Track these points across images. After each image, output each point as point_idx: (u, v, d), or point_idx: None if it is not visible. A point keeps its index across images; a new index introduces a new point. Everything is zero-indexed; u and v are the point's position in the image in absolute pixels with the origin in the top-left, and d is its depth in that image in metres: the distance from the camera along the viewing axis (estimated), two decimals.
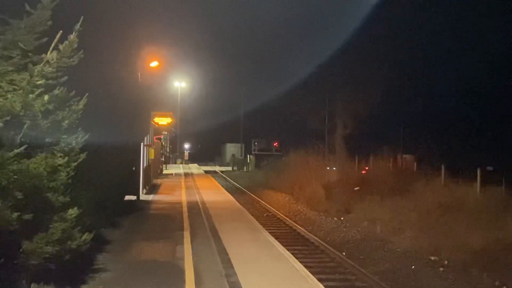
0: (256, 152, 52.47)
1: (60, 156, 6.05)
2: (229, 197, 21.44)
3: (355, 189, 20.52)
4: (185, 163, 58.07)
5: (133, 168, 16.62)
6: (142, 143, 19.76)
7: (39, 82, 5.54)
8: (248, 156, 51.34)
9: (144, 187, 20.62)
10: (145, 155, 21.65)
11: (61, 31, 5.66)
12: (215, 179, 34.36)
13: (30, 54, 5.68)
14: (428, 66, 36.54)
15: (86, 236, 6.50)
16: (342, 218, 18.17)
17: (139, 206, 16.45)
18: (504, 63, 32.46)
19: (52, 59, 5.66)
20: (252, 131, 57.39)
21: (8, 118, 5.20)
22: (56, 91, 5.86)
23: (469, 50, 35.03)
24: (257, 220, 14.97)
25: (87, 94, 6.49)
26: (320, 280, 8.24)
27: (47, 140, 5.94)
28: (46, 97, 5.61)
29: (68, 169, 6.14)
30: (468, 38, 35.10)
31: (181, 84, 56.29)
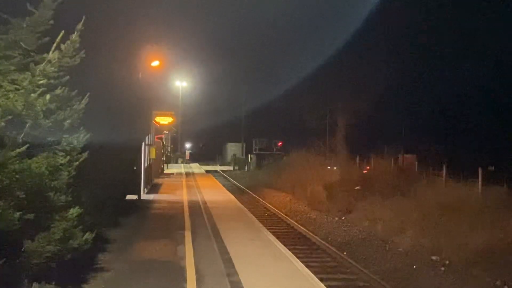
0: (257, 152, 52.48)
1: (62, 156, 6.06)
2: (230, 196, 21.44)
3: (356, 188, 20.52)
4: (186, 163, 58.08)
5: (134, 168, 16.63)
6: (143, 143, 19.76)
7: (41, 81, 5.54)
8: (249, 155, 51.35)
9: (145, 186, 20.63)
10: (146, 155, 21.66)
11: (63, 31, 5.67)
12: (216, 178, 34.36)
13: (32, 53, 5.69)
14: (430, 65, 36.49)
15: (88, 236, 6.51)
16: (343, 218, 18.17)
17: (140, 206, 16.45)
18: (507, 61, 32.41)
19: (54, 59, 5.67)
20: (253, 131, 57.44)
21: (10, 117, 5.21)
22: (57, 91, 5.86)
23: (471, 49, 34.99)
24: (258, 219, 14.96)
25: (88, 93, 6.50)
26: (321, 279, 8.24)
27: (48, 139, 5.95)
28: (47, 96, 5.61)
29: (70, 168, 6.14)
30: (469, 37, 35.05)
31: (182, 84, 56.30)
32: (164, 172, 37.02)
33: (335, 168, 25.38)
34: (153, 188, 23.44)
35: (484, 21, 33.49)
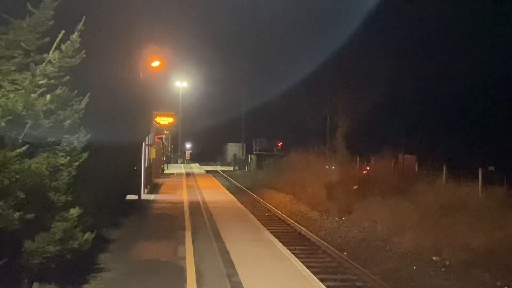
0: (257, 152, 52.51)
1: (62, 156, 6.05)
2: (230, 197, 21.44)
3: (354, 187, 20.51)
4: (186, 163, 58.10)
5: (135, 168, 16.62)
6: (143, 143, 19.76)
7: (41, 81, 5.54)
8: (249, 156, 51.37)
9: (145, 186, 20.63)
10: (147, 155, 21.66)
11: (63, 31, 5.66)
12: (216, 178, 34.37)
13: (32, 53, 5.68)
14: (430, 66, 36.47)
15: (88, 236, 6.51)
16: (343, 218, 18.16)
17: (140, 206, 16.46)
18: (506, 61, 32.41)
19: (54, 59, 5.66)
20: (253, 131, 57.47)
21: (10, 117, 5.20)
22: (58, 91, 5.85)
23: (471, 49, 34.96)
24: (258, 219, 14.96)
25: (88, 93, 6.49)
26: (321, 280, 8.24)
27: (49, 139, 5.94)
28: (48, 96, 5.61)
29: (70, 168, 6.14)
30: (469, 37, 35.04)
31: (182, 84, 56.33)
32: (164, 172, 37.03)
33: (333, 167, 25.33)
34: (153, 188, 23.44)
35: (484, 19, 33.51)
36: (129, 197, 15.98)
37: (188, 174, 37.05)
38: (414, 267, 11.76)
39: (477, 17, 33.26)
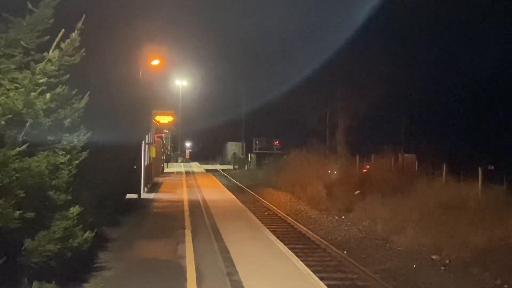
0: (257, 151, 52.49)
1: (62, 154, 6.06)
2: (230, 195, 21.44)
3: (356, 193, 20.41)
4: (186, 162, 58.09)
5: (135, 167, 16.63)
6: (143, 142, 19.77)
7: (41, 80, 5.54)
8: (249, 154, 51.37)
9: (145, 185, 20.64)
10: (146, 154, 21.66)
11: (63, 30, 5.66)
12: (216, 177, 34.36)
13: (32, 52, 5.69)
14: (430, 65, 36.44)
15: (88, 234, 6.51)
16: (343, 217, 18.17)
17: (140, 205, 16.46)
18: (505, 61, 32.40)
19: (54, 57, 5.67)
20: (253, 130, 57.43)
21: (10, 116, 5.20)
22: (58, 90, 5.86)
23: (470, 48, 34.96)
24: (258, 218, 14.96)
25: (88, 92, 6.50)
26: (321, 278, 8.25)
27: (49, 138, 5.95)
28: (48, 95, 5.61)
29: (70, 167, 6.14)
30: (469, 37, 35.03)
31: (182, 83, 56.26)
32: (164, 171, 37.03)
33: (335, 172, 25.25)
34: (153, 187, 23.45)
35: (484, 19, 33.50)
36: (129, 195, 15.99)
37: (188, 173, 37.06)
38: (414, 265, 11.76)
39: (477, 15, 33.25)
